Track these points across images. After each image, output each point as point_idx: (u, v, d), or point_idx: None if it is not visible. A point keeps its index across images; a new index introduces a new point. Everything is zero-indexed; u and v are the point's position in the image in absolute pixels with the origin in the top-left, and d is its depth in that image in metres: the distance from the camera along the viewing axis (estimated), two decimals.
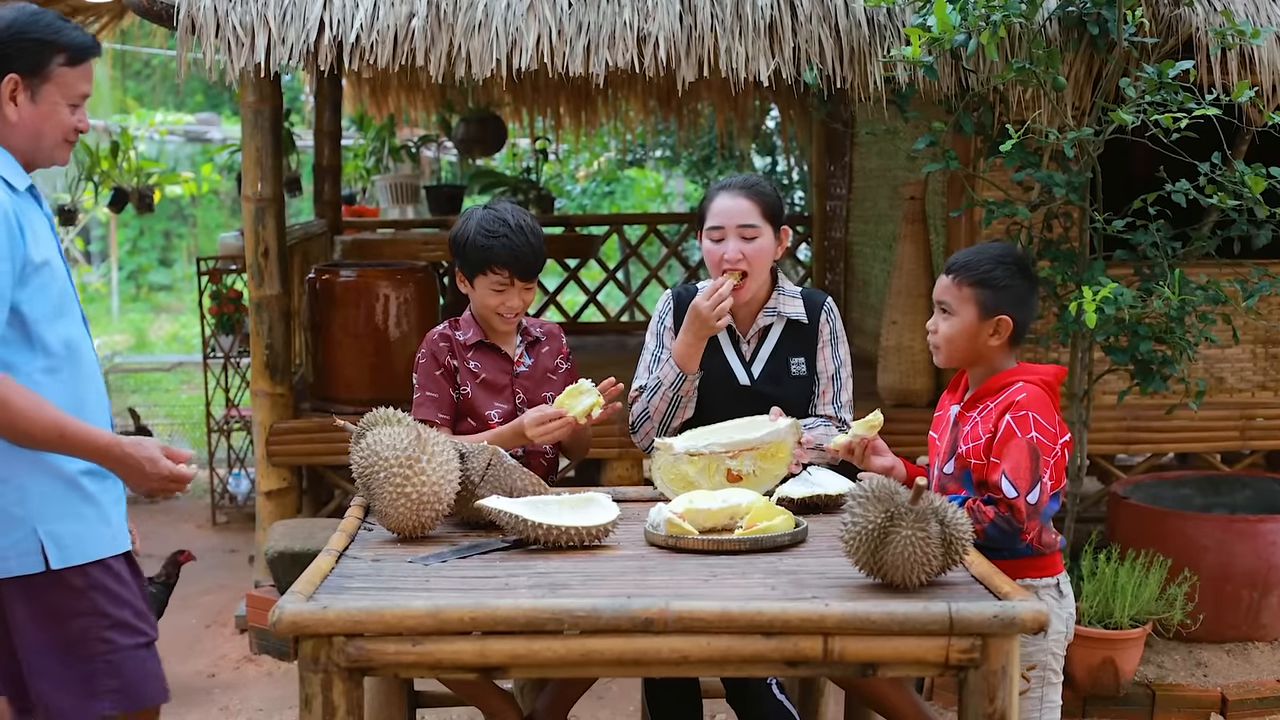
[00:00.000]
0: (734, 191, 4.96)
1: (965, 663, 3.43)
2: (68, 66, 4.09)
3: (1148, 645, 6.78)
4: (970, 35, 6.29)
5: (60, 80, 4.09)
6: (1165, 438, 8.07)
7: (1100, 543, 6.92)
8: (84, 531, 4.12)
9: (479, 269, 5.03)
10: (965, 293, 4.42)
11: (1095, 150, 6.41)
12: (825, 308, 5.10)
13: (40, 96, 4.07)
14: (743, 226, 4.90)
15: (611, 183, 22.26)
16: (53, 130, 4.12)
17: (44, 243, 4.06)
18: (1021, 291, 4.44)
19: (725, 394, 4.94)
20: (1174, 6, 6.70)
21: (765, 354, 5.04)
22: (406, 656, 3.42)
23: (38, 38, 4.06)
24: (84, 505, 4.12)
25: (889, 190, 10.13)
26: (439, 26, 6.77)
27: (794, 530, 4.10)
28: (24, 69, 4.04)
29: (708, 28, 6.78)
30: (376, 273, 8.35)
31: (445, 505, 4.14)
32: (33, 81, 4.06)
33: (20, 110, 4.07)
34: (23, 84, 4.05)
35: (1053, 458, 4.25)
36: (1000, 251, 4.51)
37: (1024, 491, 4.15)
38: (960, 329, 4.43)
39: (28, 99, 4.06)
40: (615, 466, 7.85)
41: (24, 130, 4.09)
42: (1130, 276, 6.83)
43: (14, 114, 4.06)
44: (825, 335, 5.07)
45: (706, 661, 3.46)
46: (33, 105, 4.07)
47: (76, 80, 4.12)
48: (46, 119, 4.10)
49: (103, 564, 4.14)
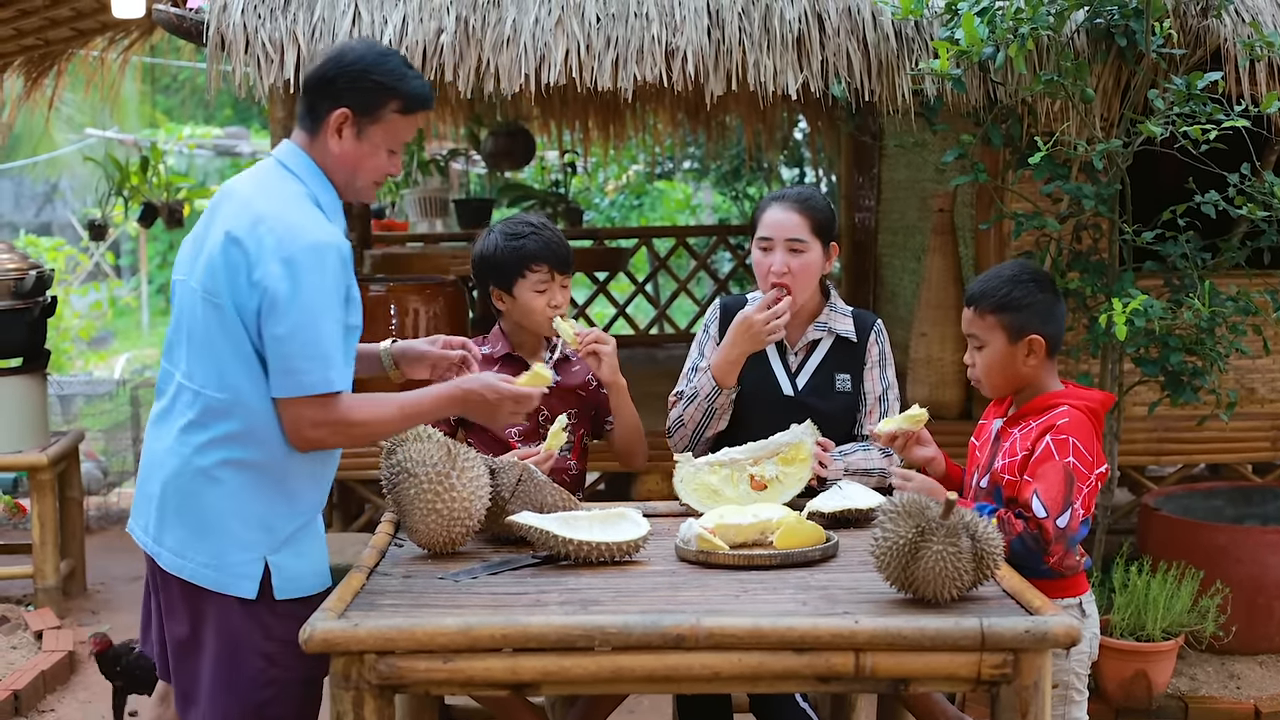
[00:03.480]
0: (786, 204, 4.93)
1: (997, 678, 3.42)
2: (400, 114, 4.12)
3: (1180, 657, 6.75)
4: (998, 48, 6.28)
5: (389, 125, 4.11)
6: (1196, 449, 8.04)
7: (1132, 554, 6.90)
8: (303, 568, 4.15)
9: (517, 273, 4.99)
10: (989, 321, 4.40)
11: (1124, 162, 6.40)
12: (875, 329, 5.08)
13: (365, 136, 4.10)
14: (791, 240, 4.87)
15: (640, 195, 22.26)
16: (368, 171, 4.15)
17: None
18: (1045, 306, 4.41)
19: (768, 404, 4.93)
20: (1202, 18, 6.68)
21: (811, 367, 5.02)
22: (438, 674, 3.43)
23: (379, 80, 4.08)
24: (307, 542, 4.17)
25: (917, 202, 10.12)
26: (467, 42, 6.78)
27: (825, 545, 4.10)
28: (358, 106, 4.07)
29: (736, 41, 6.78)
30: (406, 287, 8.35)
31: (476, 521, 4.14)
32: (363, 120, 4.08)
33: (343, 144, 4.09)
34: (352, 120, 4.08)
35: (1087, 485, 4.23)
36: (1014, 271, 4.48)
37: (1054, 514, 4.12)
38: (994, 359, 4.41)
39: (353, 135, 4.09)
40: (646, 480, 7.84)
41: (343, 163, 4.12)
42: (1160, 288, 6.82)
43: (336, 146, 4.09)
44: (874, 356, 5.05)
45: (738, 678, 3.45)
46: (356, 142, 4.10)
47: (405, 129, 4.15)
48: (366, 158, 4.13)
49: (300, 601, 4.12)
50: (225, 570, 4.03)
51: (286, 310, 3.90)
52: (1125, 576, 6.62)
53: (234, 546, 4.02)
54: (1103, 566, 6.83)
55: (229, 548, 4.02)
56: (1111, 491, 7.11)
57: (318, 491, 4.21)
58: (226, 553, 4.02)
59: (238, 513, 4.02)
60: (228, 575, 4.03)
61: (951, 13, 6.49)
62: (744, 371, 4.94)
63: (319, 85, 4.12)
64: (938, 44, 6.25)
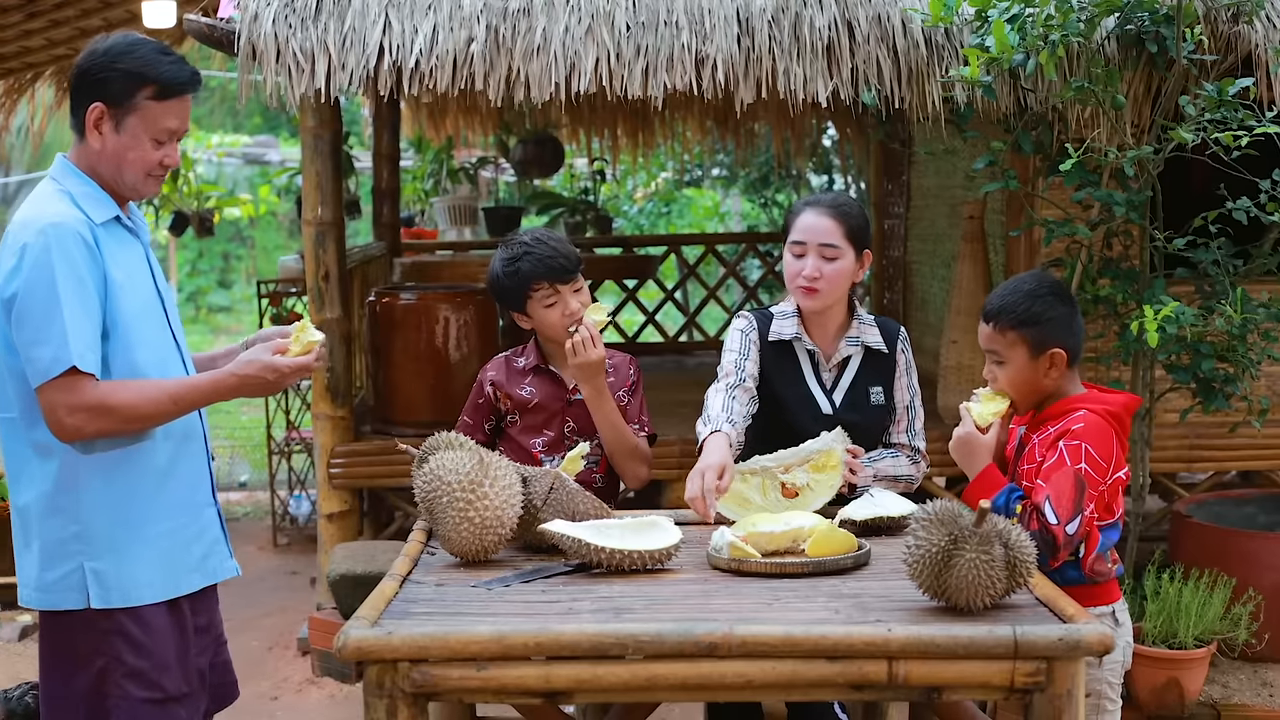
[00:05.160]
0: (820, 209, 4.89)
1: (1030, 686, 3.41)
2: (154, 100, 4.06)
3: (1212, 665, 6.73)
4: (1029, 55, 6.28)
5: (145, 114, 4.05)
6: (1228, 456, 8.02)
7: (1163, 562, 6.89)
8: (130, 573, 4.10)
9: (523, 293, 5.04)
10: (1010, 337, 4.39)
11: (1155, 168, 6.39)
12: (901, 337, 5.05)
13: (124, 128, 4.05)
14: (824, 245, 4.83)
15: (669, 203, 22.27)
16: (134, 164, 4.09)
17: (124, 269, 4.09)
18: (1064, 318, 4.40)
19: (806, 422, 4.89)
20: (1233, 23, 6.67)
21: (846, 383, 4.98)
22: (471, 682, 3.43)
23: (126, 69, 4.03)
24: (139, 546, 4.12)
25: (947, 209, 10.11)
26: (498, 51, 6.79)
27: (857, 553, 4.10)
28: (110, 98, 4.04)
29: (766, 49, 6.78)
30: (436, 295, 8.38)
31: (508, 529, 4.14)
32: (117, 112, 4.05)
33: (105, 139, 4.06)
34: (108, 113, 4.05)
35: (1099, 490, 4.21)
36: (1032, 285, 4.46)
37: (1064, 520, 4.10)
38: (1017, 374, 4.40)
39: (112, 128, 4.05)
40: (676, 488, 7.83)
41: (107, 160, 4.08)
42: (1191, 295, 6.80)
43: (97, 143, 4.07)
44: (902, 365, 5.03)
45: (771, 686, 3.45)
46: (116, 135, 4.06)
47: (163, 115, 4.08)
48: (128, 150, 4.07)
49: (134, 611, 4.10)
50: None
51: (16, 297, 3.92)
52: (1157, 584, 6.61)
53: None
54: (1134, 574, 6.82)
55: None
56: (1143, 499, 7.09)
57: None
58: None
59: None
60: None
61: (982, 20, 6.48)
62: (781, 391, 4.94)
63: (76, 82, 4.09)
64: (968, 51, 6.24)
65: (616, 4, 6.89)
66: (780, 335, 4.94)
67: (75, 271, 3.92)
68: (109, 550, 4.05)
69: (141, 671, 4.08)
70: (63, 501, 4.04)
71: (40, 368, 3.89)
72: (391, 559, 4.18)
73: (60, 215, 3.97)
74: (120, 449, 4.06)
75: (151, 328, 4.17)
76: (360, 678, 3.50)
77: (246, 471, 13.08)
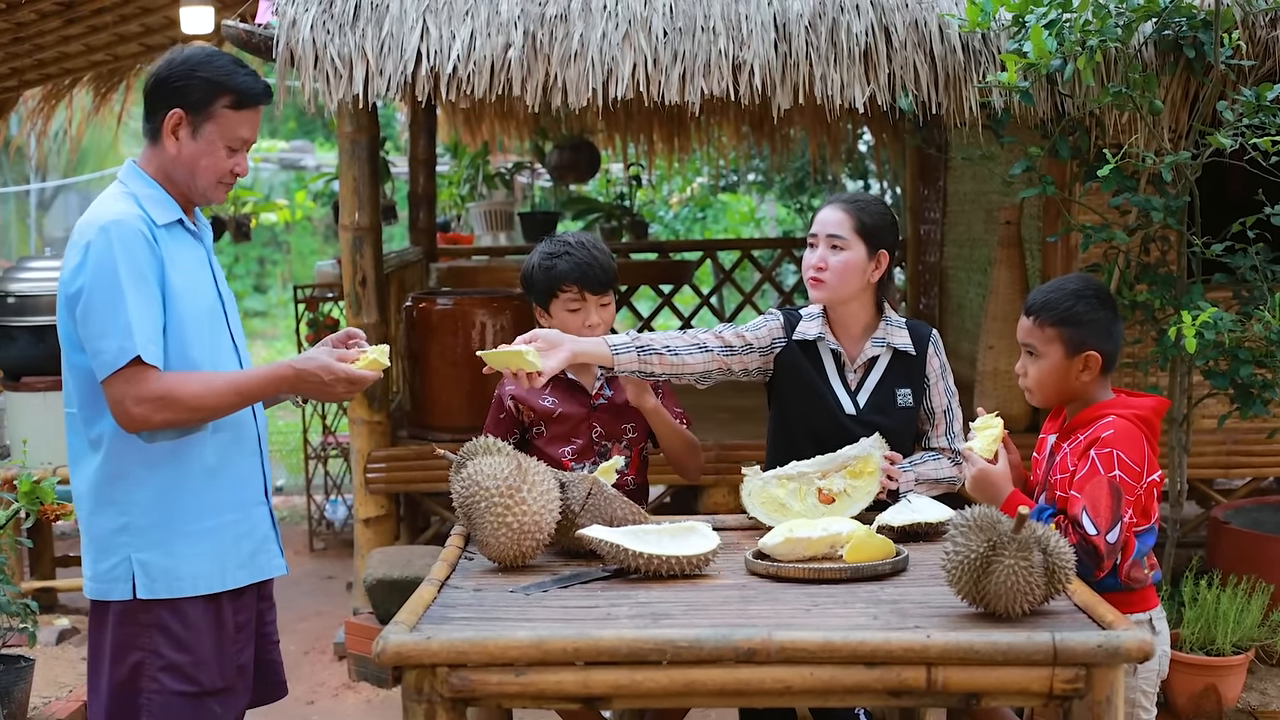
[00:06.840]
0: (834, 204, 4.93)
1: (1070, 693, 3.40)
2: (231, 109, 4.17)
3: (1250, 672, 6.72)
4: (1066, 60, 6.27)
5: (222, 121, 4.16)
6: (1266, 461, 7.99)
7: (1201, 568, 6.87)
8: (176, 566, 4.17)
9: (550, 292, 5.06)
10: (1049, 333, 4.38)
11: (1193, 174, 6.38)
12: (932, 340, 5.03)
13: (200, 134, 4.16)
14: (831, 236, 4.84)
15: (704, 208, 22.25)
16: (207, 170, 4.20)
17: (183, 271, 4.17)
18: (1105, 323, 4.39)
19: (830, 423, 4.89)
20: (1271, 28, 6.66)
21: (871, 384, 4.96)
22: (510, 687, 3.44)
23: (207, 77, 4.14)
24: (185, 539, 4.18)
25: (983, 214, 10.10)
26: (535, 57, 6.81)
27: (895, 559, 4.10)
28: (189, 105, 4.14)
29: (803, 55, 6.79)
30: (473, 300, 8.40)
31: (546, 535, 4.15)
32: (195, 119, 4.15)
33: (180, 145, 4.16)
34: (186, 120, 4.15)
35: (1135, 496, 4.20)
36: (1078, 285, 4.45)
37: (1104, 530, 4.08)
38: (1049, 370, 4.39)
39: (189, 134, 4.16)
40: (713, 493, 7.83)
41: (183, 165, 4.18)
42: (1229, 300, 6.78)
43: (174, 148, 4.16)
44: (935, 368, 5.00)
45: (809, 692, 3.45)
46: (192, 142, 4.16)
47: (237, 124, 4.20)
48: (203, 156, 4.17)
49: (174, 604, 4.17)
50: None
51: (81, 293, 4.03)
52: (1195, 590, 6.59)
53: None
54: (1172, 580, 6.80)
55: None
56: (1180, 505, 7.07)
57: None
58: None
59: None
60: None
61: (1019, 25, 6.48)
62: (804, 391, 4.95)
63: (154, 89, 4.19)
64: (1005, 56, 6.23)
65: (654, 9, 6.90)
66: (805, 335, 4.94)
67: (137, 267, 4.02)
68: (155, 543, 4.14)
69: (178, 665, 4.15)
70: (112, 493, 4.14)
71: (106, 360, 3.98)
72: (428, 564, 4.20)
73: (122, 214, 4.07)
74: (169, 442, 4.14)
75: (211, 330, 4.26)
76: (398, 682, 3.51)
77: (283, 476, 13.12)
